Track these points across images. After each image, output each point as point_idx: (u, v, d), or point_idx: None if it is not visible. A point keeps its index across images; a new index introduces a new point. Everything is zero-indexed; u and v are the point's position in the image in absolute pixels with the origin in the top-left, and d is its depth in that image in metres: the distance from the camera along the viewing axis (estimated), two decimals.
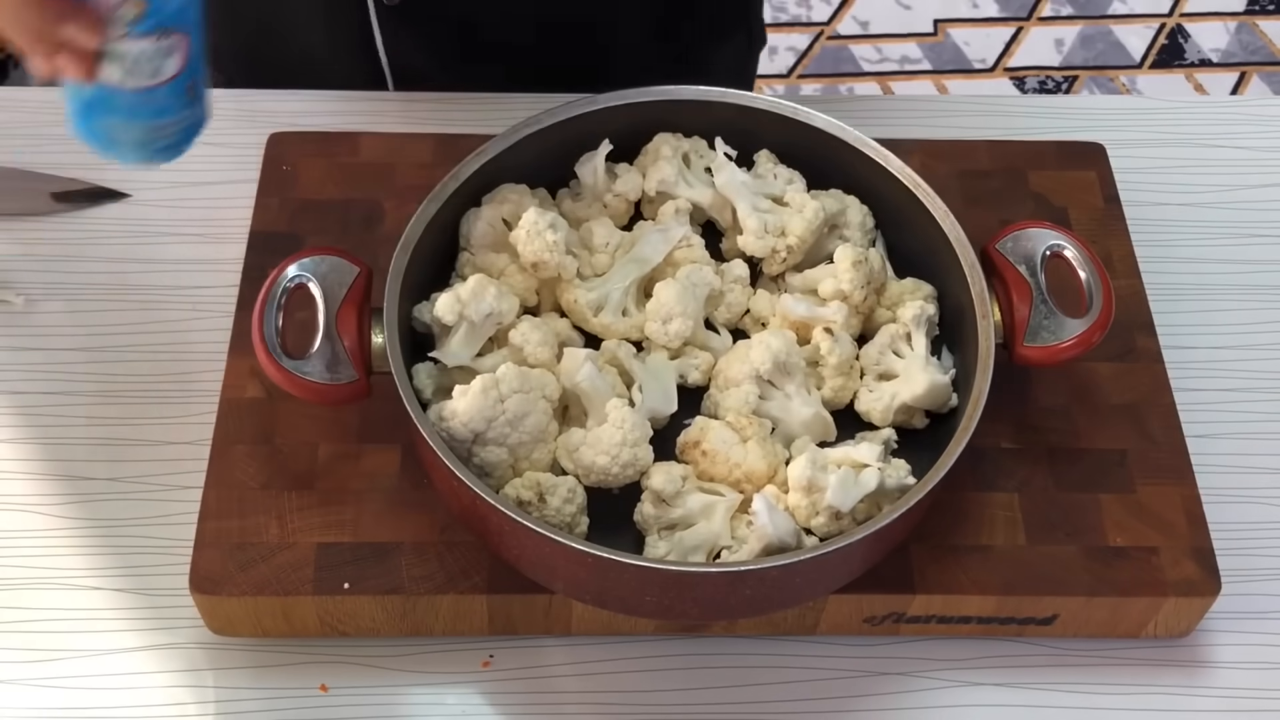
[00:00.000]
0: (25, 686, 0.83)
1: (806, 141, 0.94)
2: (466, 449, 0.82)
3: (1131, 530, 0.86)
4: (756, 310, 0.92)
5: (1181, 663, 0.87)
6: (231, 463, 0.86)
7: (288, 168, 1.00)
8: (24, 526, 0.88)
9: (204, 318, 0.97)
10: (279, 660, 0.84)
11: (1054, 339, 0.86)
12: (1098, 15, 2.53)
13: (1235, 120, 1.13)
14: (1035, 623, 0.86)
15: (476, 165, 0.90)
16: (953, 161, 1.03)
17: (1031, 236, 0.89)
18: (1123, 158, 1.06)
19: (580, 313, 0.89)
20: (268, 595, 0.82)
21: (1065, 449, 0.90)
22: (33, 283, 0.98)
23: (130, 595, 0.86)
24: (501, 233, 0.90)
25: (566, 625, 0.85)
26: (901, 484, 0.81)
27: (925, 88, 2.41)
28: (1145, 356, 0.94)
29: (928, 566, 0.84)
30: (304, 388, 0.82)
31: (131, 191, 1.04)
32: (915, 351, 0.88)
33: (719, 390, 0.87)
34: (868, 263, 0.89)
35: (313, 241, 0.96)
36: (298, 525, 0.84)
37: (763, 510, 0.79)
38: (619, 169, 0.95)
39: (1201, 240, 1.06)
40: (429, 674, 0.84)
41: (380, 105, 1.12)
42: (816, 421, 0.86)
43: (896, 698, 0.85)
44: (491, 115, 1.06)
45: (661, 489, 0.82)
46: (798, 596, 0.82)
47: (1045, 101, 1.46)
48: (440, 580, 0.82)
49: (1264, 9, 2.56)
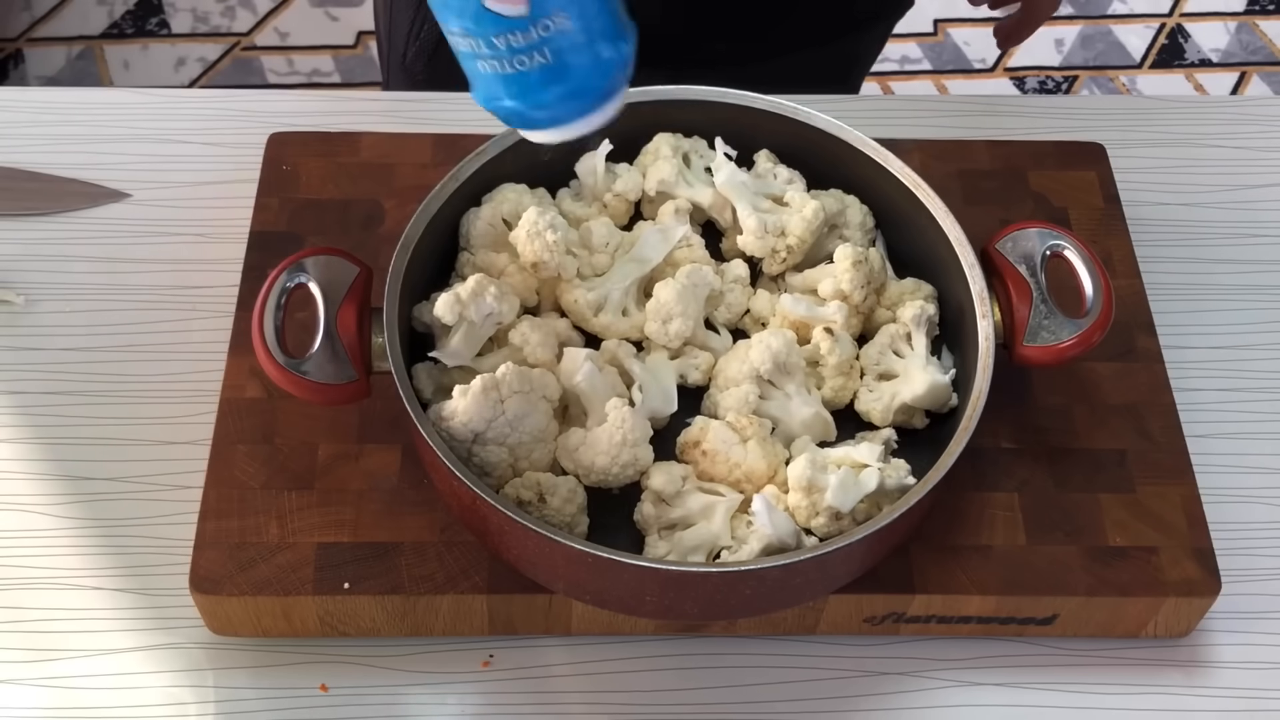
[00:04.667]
0: (25, 686, 0.83)
1: (806, 141, 0.94)
2: (466, 449, 0.82)
3: (1131, 530, 0.86)
4: (756, 310, 0.92)
5: (1181, 663, 0.87)
6: (231, 462, 0.86)
7: (288, 168, 1.00)
8: (24, 526, 0.88)
9: (204, 318, 0.97)
10: (279, 660, 0.84)
11: (1054, 339, 0.86)
12: (1098, 15, 2.53)
13: (1235, 120, 1.13)
14: (1035, 623, 0.86)
15: (476, 165, 0.90)
16: (953, 161, 1.03)
17: (1031, 236, 0.89)
18: (1123, 158, 1.06)
19: (580, 313, 0.89)
20: (268, 595, 0.82)
21: (1065, 449, 0.90)
22: (33, 283, 0.99)
23: (130, 595, 0.86)
24: (501, 233, 0.90)
25: (566, 625, 0.85)
26: (901, 484, 0.81)
27: (925, 88, 2.41)
28: (1145, 356, 0.94)
29: (928, 566, 0.84)
30: (304, 388, 0.82)
31: (131, 191, 1.04)
32: (915, 351, 0.88)
33: (719, 390, 0.87)
34: (868, 263, 0.89)
35: (313, 241, 0.96)
36: (298, 525, 0.84)
37: (762, 510, 0.79)
38: (619, 169, 0.95)
39: (1201, 240, 1.06)
40: (429, 674, 0.84)
41: (380, 105, 1.12)
42: (816, 421, 0.86)
43: (896, 698, 0.85)
44: (491, 115, 1.06)
45: (661, 489, 0.82)
46: (798, 596, 0.82)
47: (1045, 101, 1.47)
48: (440, 580, 0.82)
49: (1264, 9, 2.56)
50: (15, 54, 2.35)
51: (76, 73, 2.33)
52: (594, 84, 0.68)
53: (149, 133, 1.07)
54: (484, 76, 0.68)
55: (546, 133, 0.70)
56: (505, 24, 0.65)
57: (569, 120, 0.69)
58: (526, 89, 0.67)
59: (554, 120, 0.69)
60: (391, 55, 1.22)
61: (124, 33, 2.39)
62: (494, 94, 0.68)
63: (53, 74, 2.33)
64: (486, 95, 0.69)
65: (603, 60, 0.67)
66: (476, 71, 0.68)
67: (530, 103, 0.68)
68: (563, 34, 0.65)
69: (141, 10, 2.42)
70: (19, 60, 2.35)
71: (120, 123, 1.08)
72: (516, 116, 0.69)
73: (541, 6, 0.64)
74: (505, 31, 0.65)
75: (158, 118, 1.08)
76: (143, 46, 2.37)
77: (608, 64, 0.67)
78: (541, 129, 0.70)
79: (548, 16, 0.65)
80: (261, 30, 2.41)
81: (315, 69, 2.37)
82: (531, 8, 0.64)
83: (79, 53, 2.35)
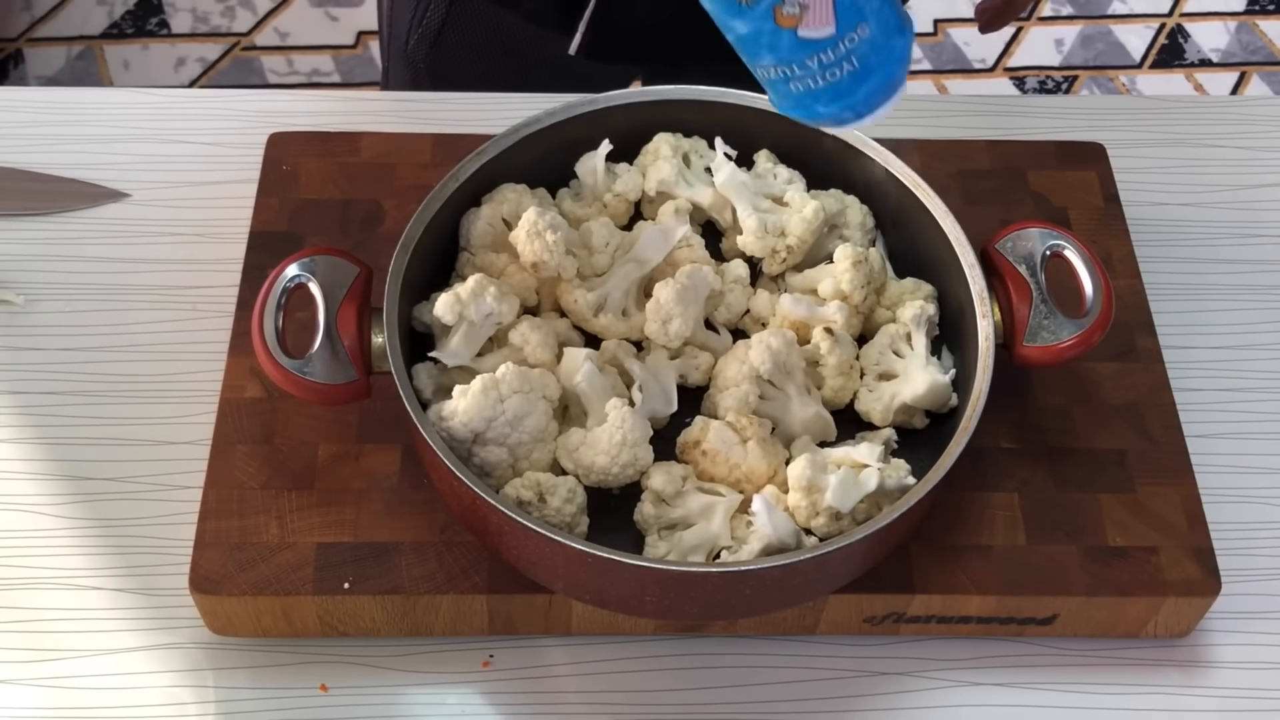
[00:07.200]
0: (25, 686, 0.83)
1: (806, 142, 0.94)
2: (466, 449, 0.82)
3: (1131, 530, 0.86)
4: (756, 310, 0.92)
5: (1181, 663, 0.87)
6: (231, 462, 0.86)
7: (288, 168, 1.00)
8: (24, 526, 0.88)
9: (204, 318, 0.97)
10: (279, 660, 0.84)
11: (1054, 339, 0.86)
12: (1098, 15, 2.53)
13: (1235, 120, 1.13)
14: (1035, 623, 0.86)
15: (476, 165, 0.90)
16: (953, 161, 1.03)
17: (1031, 236, 0.89)
18: (1123, 158, 1.06)
19: (580, 313, 0.89)
20: (268, 595, 0.82)
21: (1065, 449, 0.90)
22: (33, 283, 0.99)
23: (130, 595, 0.86)
24: (501, 233, 0.90)
25: (566, 625, 0.85)
26: (901, 484, 0.81)
27: (925, 88, 2.41)
28: (1145, 356, 0.94)
29: (928, 566, 0.84)
30: (304, 388, 0.82)
31: (131, 191, 1.04)
32: (915, 351, 0.88)
33: (719, 390, 0.87)
34: (868, 263, 0.90)
35: (312, 241, 0.96)
36: (298, 525, 0.84)
37: (762, 510, 0.79)
38: (619, 169, 0.95)
39: (1201, 240, 1.06)
40: (429, 674, 0.84)
41: (380, 105, 1.12)
42: (816, 421, 0.86)
43: (896, 698, 0.85)
44: (491, 115, 1.06)
45: (661, 489, 0.82)
46: (798, 596, 0.82)
47: (1045, 101, 1.47)
48: (440, 580, 0.82)
49: (1264, 9, 2.56)
50: (15, 54, 2.35)
51: (76, 73, 2.33)
52: (894, 73, 0.72)
53: (149, 133, 1.07)
54: (795, 94, 0.73)
55: (854, 124, 0.75)
56: (816, 46, 0.70)
57: (875, 110, 0.74)
58: (838, 94, 0.72)
59: (862, 113, 0.74)
60: (393, 44, 1.22)
61: (124, 33, 2.39)
62: (807, 106, 0.73)
63: (53, 74, 2.33)
64: (800, 110, 0.74)
65: (897, 51, 0.72)
66: (787, 92, 0.73)
67: (842, 105, 0.73)
68: (865, 41, 0.71)
69: (141, 10, 2.42)
70: (19, 60, 2.35)
71: (120, 123, 1.08)
72: (829, 119, 0.74)
73: (848, 21, 0.70)
74: (817, 51, 0.70)
75: (158, 118, 1.08)
76: (143, 46, 2.37)
77: (902, 54, 0.72)
78: (850, 123, 0.75)
79: (853, 30, 0.70)
80: (261, 30, 2.41)
81: (315, 69, 2.37)
82: (838, 25, 0.70)
83: (79, 53, 2.35)
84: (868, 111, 0.74)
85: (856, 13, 0.70)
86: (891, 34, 0.71)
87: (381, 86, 1.30)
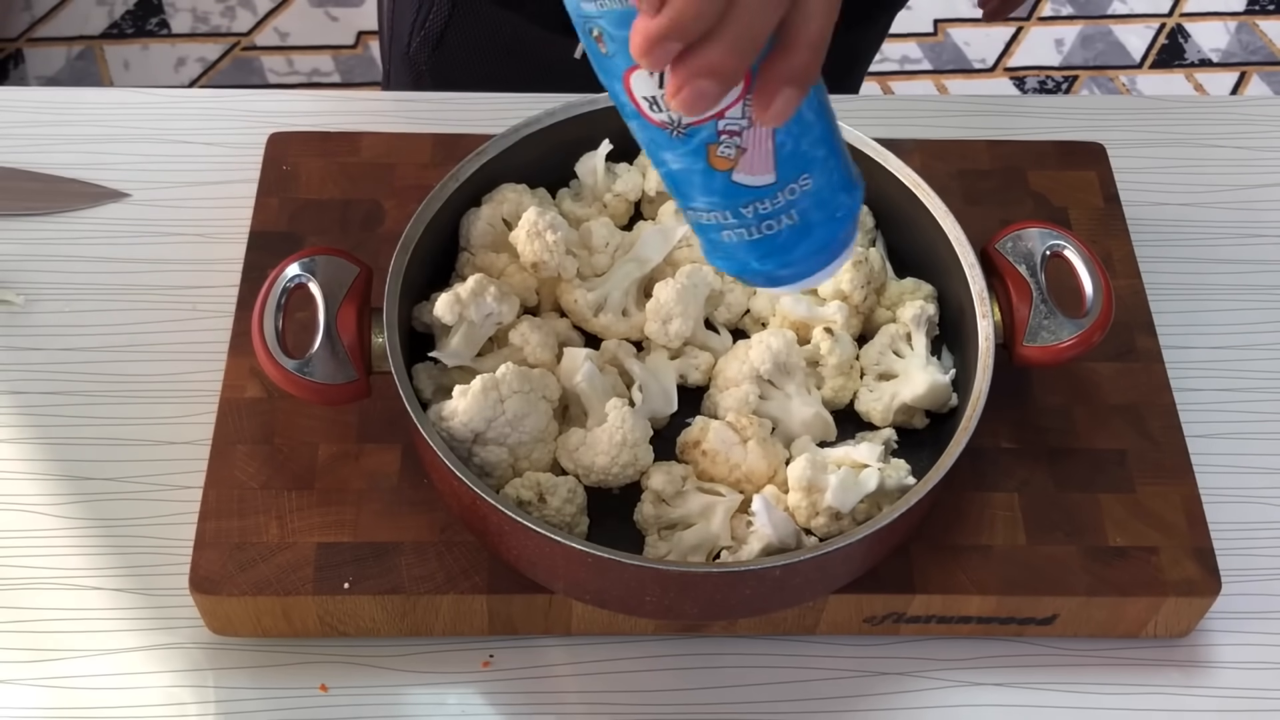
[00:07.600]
0: (25, 686, 0.83)
1: None
2: (466, 449, 0.82)
3: (1131, 530, 0.86)
4: (756, 310, 0.92)
5: (1181, 663, 0.87)
6: (231, 463, 0.86)
7: (288, 168, 1.00)
8: (24, 526, 0.88)
9: (204, 318, 0.97)
10: (279, 660, 0.84)
11: (1054, 339, 0.86)
12: (1098, 15, 2.54)
13: (1235, 120, 1.13)
14: (1035, 623, 0.86)
15: (476, 165, 0.90)
16: (953, 161, 1.03)
17: (1031, 236, 0.89)
18: (1123, 158, 1.06)
19: (580, 313, 0.89)
20: (268, 595, 0.82)
21: (1065, 449, 0.90)
22: (33, 283, 0.99)
23: (130, 595, 0.86)
24: (501, 233, 0.90)
25: (566, 625, 0.85)
26: (901, 484, 0.81)
27: (925, 88, 2.41)
28: (1145, 356, 0.94)
29: (928, 566, 0.84)
30: (304, 388, 0.82)
31: (131, 191, 1.04)
32: (915, 351, 0.88)
33: (719, 390, 0.87)
34: (868, 263, 0.90)
35: (312, 241, 0.96)
36: (298, 525, 0.84)
37: (762, 511, 0.79)
38: (619, 169, 0.95)
39: (1201, 240, 1.06)
40: (429, 674, 0.84)
41: (380, 105, 1.12)
42: (816, 421, 0.86)
43: (896, 698, 0.85)
44: (491, 115, 1.06)
45: (661, 489, 0.82)
46: (798, 596, 0.82)
47: (1045, 101, 1.46)
48: (440, 580, 0.82)
49: (1264, 9, 2.56)
50: (15, 54, 2.35)
51: (76, 73, 2.33)
52: (837, 235, 0.67)
53: (149, 133, 1.07)
54: (728, 245, 0.67)
55: (791, 287, 0.70)
56: (753, 193, 0.64)
57: (814, 272, 0.68)
58: (774, 250, 0.66)
59: (800, 275, 0.68)
60: (394, 46, 1.21)
61: (124, 33, 2.39)
62: (740, 260, 0.67)
63: (53, 74, 2.33)
64: (732, 263, 0.68)
65: (841, 211, 0.67)
66: (719, 241, 0.67)
67: (778, 263, 0.67)
68: (807, 194, 0.65)
69: (141, 10, 2.42)
70: (19, 60, 2.35)
71: (120, 123, 1.08)
72: (763, 277, 0.68)
73: (790, 170, 0.64)
74: (754, 200, 0.64)
75: (158, 118, 1.08)
76: (143, 46, 2.38)
77: (846, 213, 0.67)
78: (787, 284, 0.69)
79: (794, 180, 0.64)
80: (261, 30, 2.42)
81: (315, 69, 2.37)
82: (779, 173, 0.64)
83: (79, 53, 2.36)
84: (807, 273, 0.68)
85: (800, 162, 0.64)
86: (838, 190, 0.66)
87: (382, 89, 1.30)
